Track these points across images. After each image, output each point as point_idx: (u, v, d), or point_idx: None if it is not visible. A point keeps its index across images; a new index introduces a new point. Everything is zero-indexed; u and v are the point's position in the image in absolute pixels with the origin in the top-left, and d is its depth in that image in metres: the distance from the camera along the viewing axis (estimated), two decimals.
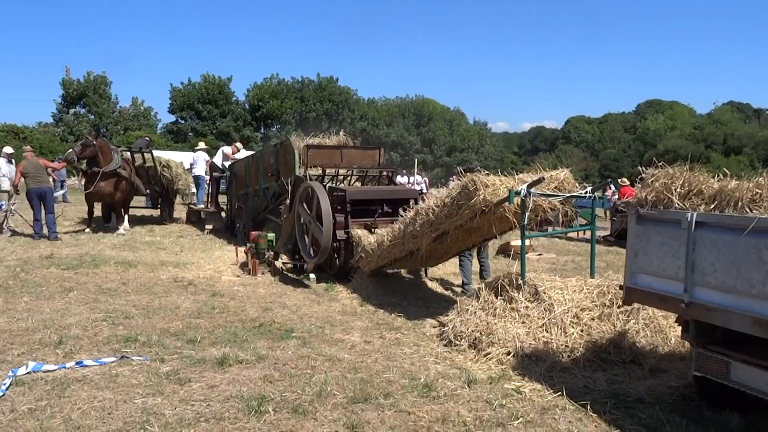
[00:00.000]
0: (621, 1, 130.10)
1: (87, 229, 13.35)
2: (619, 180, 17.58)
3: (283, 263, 9.71)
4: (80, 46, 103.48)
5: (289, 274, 9.34)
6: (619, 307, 5.85)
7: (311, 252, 8.77)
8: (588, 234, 13.20)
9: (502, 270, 9.58)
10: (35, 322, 6.24)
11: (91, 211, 13.68)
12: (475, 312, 6.17)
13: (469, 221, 6.32)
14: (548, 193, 6.12)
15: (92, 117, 44.95)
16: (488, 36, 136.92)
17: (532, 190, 5.98)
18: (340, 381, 4.84)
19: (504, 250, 12.11)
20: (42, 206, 12.22)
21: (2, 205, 12.92)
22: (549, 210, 6.32)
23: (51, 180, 12.97)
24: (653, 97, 79.43)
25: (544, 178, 6.09)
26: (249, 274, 9.17)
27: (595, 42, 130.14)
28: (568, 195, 6.21)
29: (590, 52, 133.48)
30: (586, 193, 6.34)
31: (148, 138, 18.22)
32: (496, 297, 6.25)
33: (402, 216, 7.50)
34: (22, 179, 12.46)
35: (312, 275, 8.84)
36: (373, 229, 8.43)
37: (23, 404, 4.21)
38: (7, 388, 4.43)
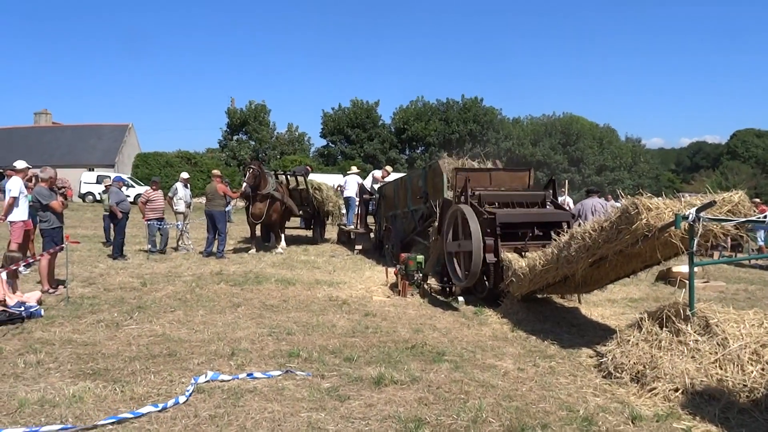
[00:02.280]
0: None
1: (251, 249, 14.39)
2: None
3: (432, 285, 9.81)
4: (244, 78, 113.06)
5: (438, 297, 9.41)
6: None
7: (460, 275, 8.78)
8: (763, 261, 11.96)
9: (665, 298, 9.00)
10: (210, 334, 6.84)
11: (253, 232, 14.74)
12: (637, 343, 5.84)
13: (630, 246, 6.01)
14: (721, 218, 5.66)
15: (252, 143, 48.59)
16: (641, 48, 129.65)
17: (702, 214, 5.56)
18: (495, 408, 4.79)
19: (665, 276, 11.34)
20: (214, 227, 13.47)
21: (179, 225, 14.37)
22: (721, 236, 5.84)
23: (225, 204, 14.13)
24: None
25: (715, 202, 5.64)
26: (399, 294, 9.37)
27: (764, 47, 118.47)
28: (743, 220, 5.69)
29: (760, 59, 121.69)
30: (765, 217, 5.77)
31: (309, 167, 19.42)
32: (661, 328, 5.87)
33: (555, 240, 7.30)
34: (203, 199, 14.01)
35: (461, 298, 8.85)
36: (523, 253, 8.29)
37: (204, 410, 4.62)
38: (190, 394, 4.90)
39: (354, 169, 18.19)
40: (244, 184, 13.61)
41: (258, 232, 15.68)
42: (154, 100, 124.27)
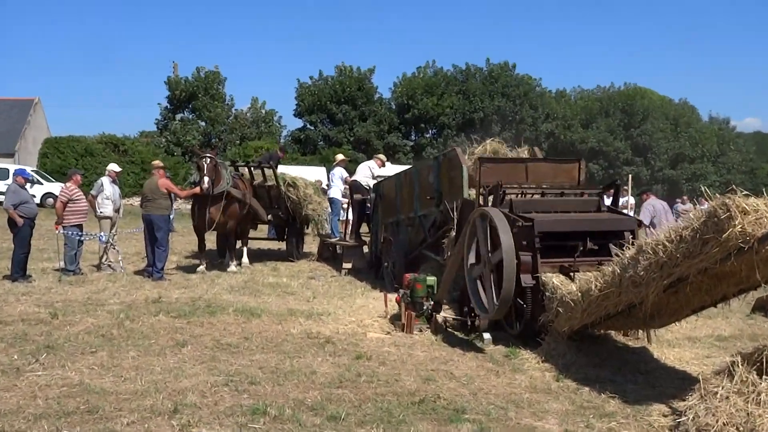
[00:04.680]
0: None
1: (200, 266, 14.43)
2: None
3: (447, 318, 9.82)
4: (190, 36, 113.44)
5: (456, 333, 9.42)
6: None
7: (486, 304, 8.78)
8: None
9: (766, 336, 8.99)
10: (145, 383, 6.82)
11: (202, 244, 14.78)
12: (727, 396, 5.83)
13: (719, 264, 6.00)
14: None
15: (203, 124, 48.65)
16: (730, 4, 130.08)
17: None
18: None
19: (765, 306, 11.34)
20: (153, 237, 13.55)
21: (101, 237, 14.33)
22: None
23: (170, 206, 14.16)
24: None
25: None
26: (402, 330, 9.37)
27: None
28: None
29: None
30: None
31: (281, 151, 19.27)
32: (760, 376, 5.87)
33: (616, 255, 7.29)
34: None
35: (487, 335, 8.85)
36: (572, 273, 8.31)
37: None
38: None
39: (339, 157, 18.20)
40: (206, 180, 13.56)
41: (213, 245, 15.66)
42: (67, 67, 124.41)
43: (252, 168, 16.66)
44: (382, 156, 17.42)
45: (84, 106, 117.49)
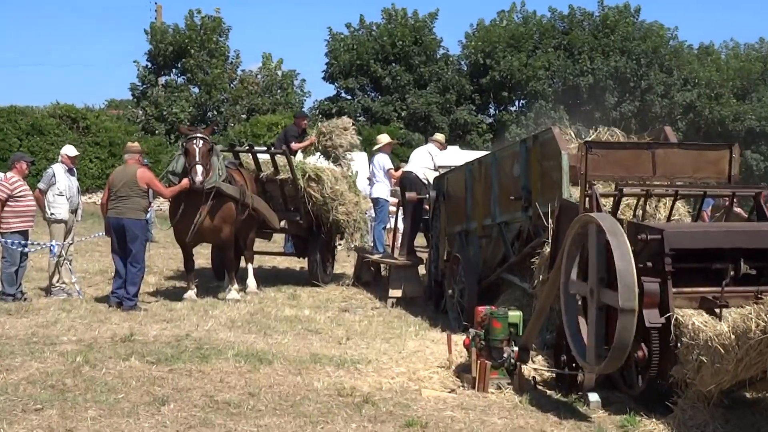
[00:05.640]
0: None
1: (188, 292, 14.52)
2: None
3: (537, 370, 9.74)
4: None
5: (549, 392, 9.36)
6: None
7: (595, 351, 8.71)
8: None
9: None
10: None
11: (189, 260, 14.84)
12: None
13: None
14: None
15: (196, 90, 48.55)
16: None
17: None
18: None
19: None
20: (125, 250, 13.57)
21: (52, 248, 14.42)
22: None
23: (147, 206, 14.22)
24: None
25: None
26: (473, 387, 9.32)
27: None
28: None
29: None
30: None
31: (299, 121, 18.79)
32: None
33: None
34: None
35: (594, 396, 8.78)
36: (720, 308, 8.20)
37: None
38: None
39: (385, 139, 18.12)
40: (198, 169, 13.56)
41: (207, 261, 15.66)
42: (5, 10, 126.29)
43: (256, 155, 16.65)
44: (440, 137, 17.39)
45: (30, 65, 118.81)
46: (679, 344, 8.12)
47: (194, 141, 13.83)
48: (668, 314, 8.26)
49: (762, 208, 9.74)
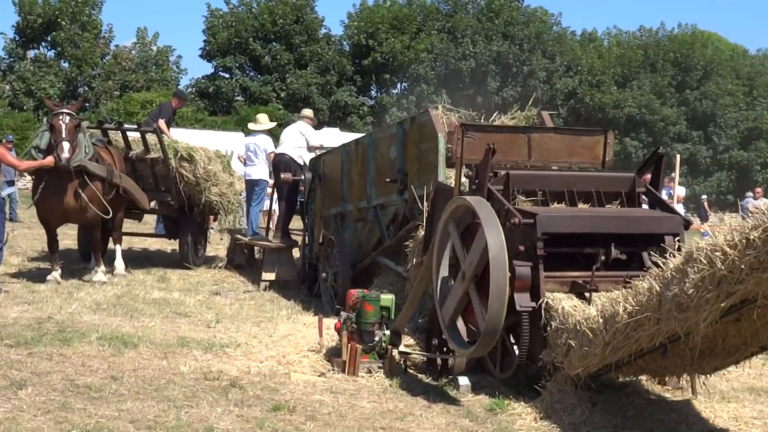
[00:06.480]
0: None
1: (52, 273, 14.18)
2: None
3: (408, 354, 9.75)
4: None
5: (420, 376, 9.39)
6: None
7: (464, 335, 8.71)
8: None
9: None
10: None
11: (52, 241, 14.50)
12: None
13: None
14: None
15: (66, 65, 48.32)
16: None
17: None
18: None
19: None
20: None
21: None
22: None
23: (6, 184, 13.83)
24: None
25: None
26: (343, 371, 9.30)
27: None
28: None
29: None
30: None
31: (177, 99, 18.64)
32: None
33: (655, 267, 7.28)
34: None
35: (464, 380, 8.83)
36: (590, 293, 8.29)
37: None
38: None
39: (262, 120, 17.92)
40: (65, 146, 13.20)
41: (73, 242, 15.36)
42: None
43: (125, 133, 16.37)
44: (308, 111, 17.30)
45: None
46: (548, 328, 8.17)
47: (60, 117, 13.51)
48: (539, 299, 8.32)
49: (636, 193, 9.86)
